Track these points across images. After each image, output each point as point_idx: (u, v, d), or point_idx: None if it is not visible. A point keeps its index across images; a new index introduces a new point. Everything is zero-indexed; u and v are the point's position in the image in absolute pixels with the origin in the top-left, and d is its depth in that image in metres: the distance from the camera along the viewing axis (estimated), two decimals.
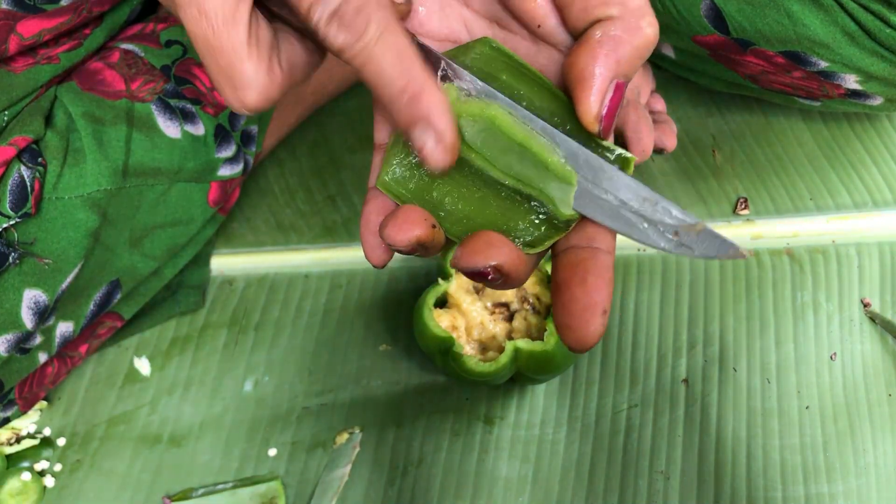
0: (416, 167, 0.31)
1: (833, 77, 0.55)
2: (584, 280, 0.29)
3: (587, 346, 0.29)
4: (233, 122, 0.60)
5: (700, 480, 0.57)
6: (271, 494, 0.59)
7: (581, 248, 0.30)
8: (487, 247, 0.29)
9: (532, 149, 0.30)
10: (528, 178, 0.30)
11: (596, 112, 0.28)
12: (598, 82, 0.28)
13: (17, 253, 0.48)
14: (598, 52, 0.28)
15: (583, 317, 0.29)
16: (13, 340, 0.50)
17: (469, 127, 0.30)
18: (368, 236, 0.31)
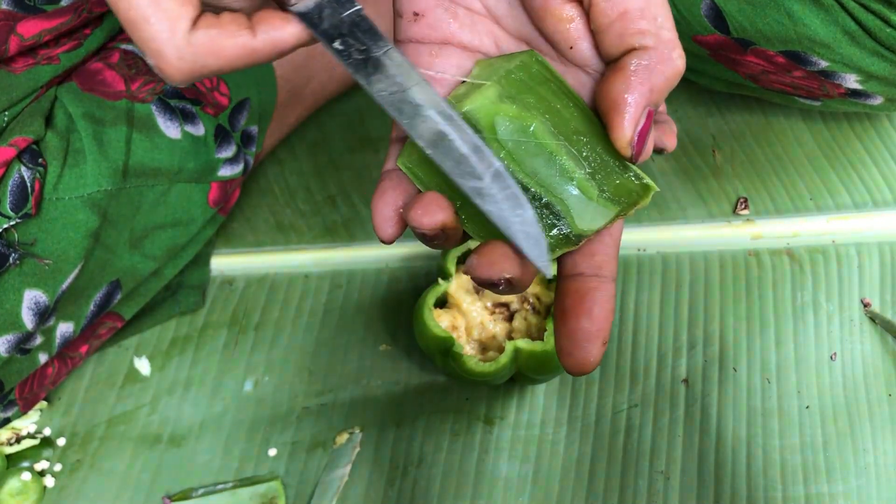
0: None
1: (833, 77, 0.55)
2: (590, 311, 0.31)
3: (586, 372, 0.31)
4: (233, 123, 0.60)
5: (700, 480, 0.57)
6: (271, 494, 0.59)
7: (589, 276, 0.32)
8: (503, 259, 0.30)
9: (561, 159, 0.30)
10: (552, 186, 0.31)
11: (630, 137, 0.29)
12: (633, 110, 0.29)
13: (17, 253, 0.48)
14: (632, 80, 0.29)
15: (585, 346, 0.31)
16: (13, 341, 0.50)
17: (503, 125, 0.31)
18: (382, 208, 0.31)
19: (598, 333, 0.31)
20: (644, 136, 0.29)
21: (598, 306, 0.31)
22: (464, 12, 0.33)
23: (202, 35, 0.28)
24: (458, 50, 0.33)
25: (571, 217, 0.31)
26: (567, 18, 0.31)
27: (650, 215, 0.67)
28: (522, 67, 0.31)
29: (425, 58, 0.33)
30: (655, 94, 0.29)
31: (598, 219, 0.31)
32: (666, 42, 0.29)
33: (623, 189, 0.31)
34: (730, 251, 0.66)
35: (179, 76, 0.29)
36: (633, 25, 0.29)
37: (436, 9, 0.33)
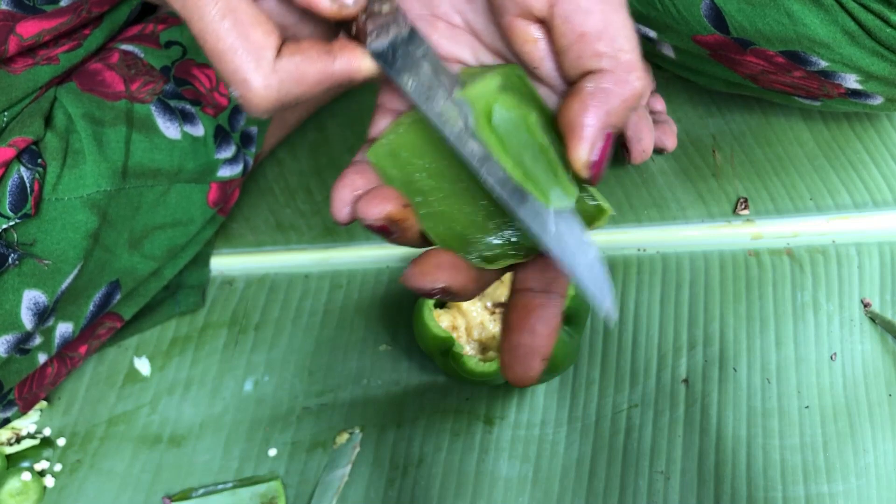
0: (412, 150, 0.32)
1: (833, 76, 0.55)
2: (532, 328, 0.32)
3: (525, 385, 0.32)
4: (232, 123, 0.60)
5: (700, 480, 0.57)
6: (271, 494, 0.59)
7: (537, 292, 0.33)
8: (436, 269, 0.31)
9: (548, 154, 0.31)
10: (535, 176, 0.31)
11: (586, 160, 0.29)
12: (589, 133, 0.29)
13: (16, 254, 0.48)
14: (588, 103, 0.29)
15: (525, 361, 0.32)
16: (13, 341, 0.50)
17: (499, 113, 0.31)
18: (341, 190, 0.32)
19: (539, 350, 0.32)
20: (602, 159, 0.30)
21: (542, 323, 0.32)
22: (444, 25, 0.33)
23: (286, 63, 0.29)
24: None
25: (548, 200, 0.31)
26: (531, 39, 0.31)
27: (650, 215, 0.67)
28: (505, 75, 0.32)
29: None
30: (613, 117, 0.29)
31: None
32: (623, 64, 0.29)
33: (580, 210, 0.32)
34: (730, 251, 0.66)
35: (265, 105, 0.29)
36: (590, 48, 0.29)
37: (418, 21, 0.33)
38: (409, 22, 0.31)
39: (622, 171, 0.69)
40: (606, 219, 0.32)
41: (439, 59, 0.31)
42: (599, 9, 0.29)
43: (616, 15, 0.29)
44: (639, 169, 0.69)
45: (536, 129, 0.31)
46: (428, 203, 0.32)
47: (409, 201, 0.32)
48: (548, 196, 0.31)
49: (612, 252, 0.66)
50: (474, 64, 0.34)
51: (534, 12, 0.30)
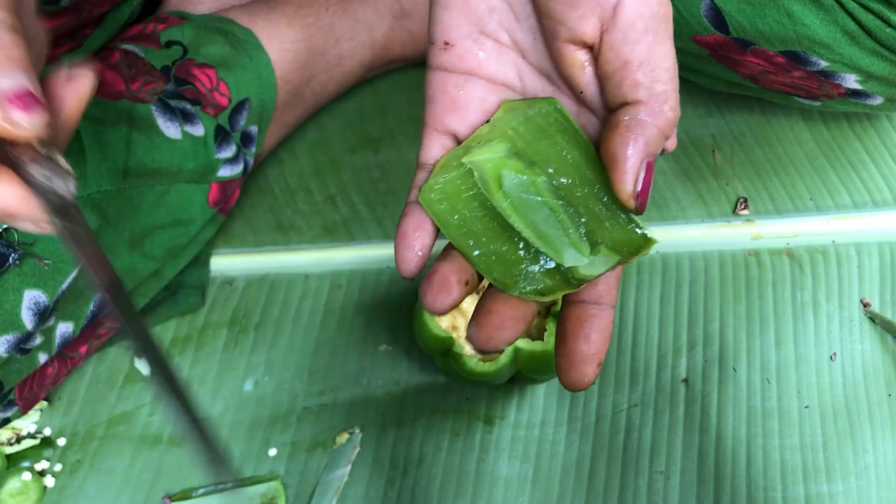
0: (462, 192, 0.33)
1: (833, 77, 0.55)
2: (588, 336, 0.33)
3: (581, 389, 0.34)
4: (233, 123, 0.60)
5: (700, 480, 0.57)
6: (271, 494, 0.59)
7: (589, 304, 0.34)
8: (499, 331, 0.33)
9: (560, 215, 0.32)
10: (547, 239, 0.32)
11: (631, 191, 0.31)
12: (631, 165, 0.30)
13: (17, 253, 0.48)
14: (627, 136, 0.30)
15: (581, 367, 0.33)
16: (13, 341, 0.50)
17: (510, 179, 0.32)
18: (403, 250, 0.34)
19: (595, 356, 0.33)
20: (646, 188, 0.31)
21: (596, 332, 0.34)
22: (491, 44, 0.34)
23: None
24: (482, 82, 0.34)
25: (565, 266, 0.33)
26: (578, 64, 0.32)
27: (650, 215, 0.67)
28: (542, 114, 0.33)
29: (451, 88, 0.35)
30: (651, 147, 0.30)
31: (599, 266, 0.33)
32: (658, 95, 0.30)
33: (626, 239, 0.33)
34: (730, 251, 0.66)
35: None
36: (630, 77, 0.30)
37: (465, 39, 0.34)
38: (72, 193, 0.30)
39: None
40: (651, 247, 0.33)
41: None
42: (646, 40, 0.30)
43: (660, 46, 0.30)
44: None
45: (545, 191, 0.32)
46: (481, 244, 0.33)
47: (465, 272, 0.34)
48: (562, 256, 0.32)
49: None
50: (518, 85, 0.35)
51: (585, 39, 0.31)
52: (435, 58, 0.35)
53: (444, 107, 0.35)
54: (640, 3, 0.30)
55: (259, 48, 0.61)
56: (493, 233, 0.33)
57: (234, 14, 0.63)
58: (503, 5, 0.34)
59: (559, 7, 0.31)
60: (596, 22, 0.30)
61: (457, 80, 0.34)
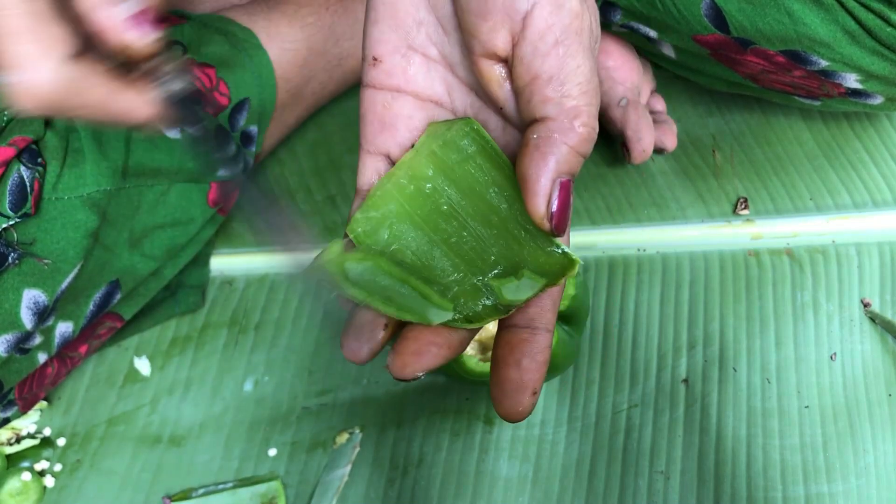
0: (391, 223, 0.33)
1: (833, 76, 0.55)
2: (518, 362, 0.31)
3: (516, 421, 0.32)
4: (232, 123, 0.60)
5: (700, 480, 0.57)
6: (271, 494, 0.59)
7: (520, 328, 0.32)
8: (416, 356, 0.31)
9: (412, 282, 0.32)
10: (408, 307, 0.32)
11: (543, 212, 0.29)
12: (542, 185, 0.29)
13: (16, 253, 0.48)
14: (536, 155, 0.29)
15: (514, 396, 0.31)
16: (12, 341, 0.50)
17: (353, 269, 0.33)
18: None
19: (528, 384, 0.31)
20: (561, 209, 0.29)
21: (528, 358, 0.32)
22: (420, 59, 0.33)
23: (78, 68, 0.29)
24: (410, 99, 0.34)
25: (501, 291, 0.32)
26: (496, 79, 0.31)
27: (650, 215, 0.67)
28: (460, 136, 0.33)
29: (379, 107, 0.34)
30: (563, 165, 0.29)
31: (525, 291, 0.32)
32: (568, 111, 0.29)
33: (549, 261, 0.32)
34: (730, 251, 0.66)
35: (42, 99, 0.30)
36: (540, 92, 0.29)
37: (394, 54, 0.33)
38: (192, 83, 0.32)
39: (622, 171, 0.69)
40: (576, 269, 0.32)
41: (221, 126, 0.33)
42: (556, 53, 0.29)
43: (572, 60, 0.29)
44: (639, 169, 0.69)
45: (392, 266, 0.32)
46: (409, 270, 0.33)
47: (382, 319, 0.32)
48: (427, 318, 0.32)
49: (612, 252, 0.66)
50: (447, 100, 0.34)
51: (497, 52, 0.30)
52: (366, 75, 0.34)
53: (373, 127, 0.34)
54: (551, 14, 0.29)
55: (259, 48, 0.61)
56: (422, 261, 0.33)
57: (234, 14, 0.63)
58: (431, 18, 0.33)
59: (472, 19, 0.30)
60: (507, 34, 0.29)
61: (384, 98, 0.33)
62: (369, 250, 0.33)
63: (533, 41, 0.29)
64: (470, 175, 0.33)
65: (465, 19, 0.30)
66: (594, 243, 0.67)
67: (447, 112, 0.34)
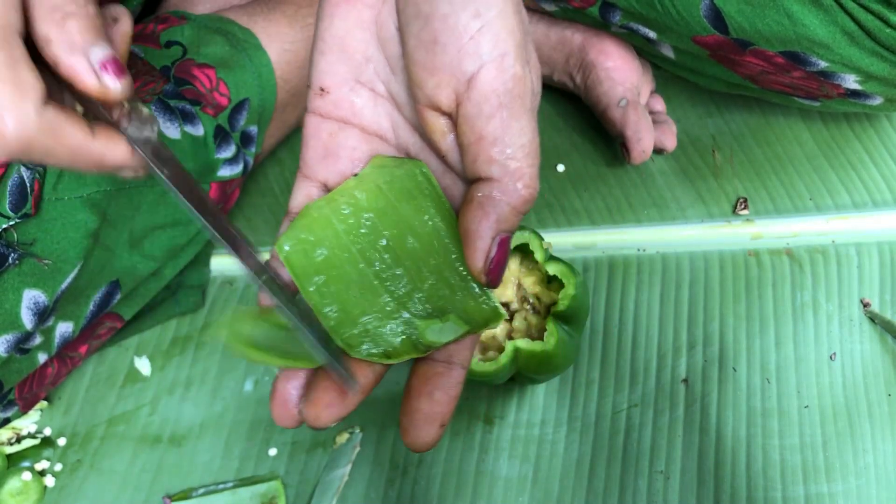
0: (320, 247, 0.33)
1: (833, 77, 0.55)
2: (430, 394, 0.32)
3: (421, 451, 0.32)
4: (232, 123, 0.60)
5: (700, 480, 0.57)
6: (271, 494, 0.59)
7: (437, 361, 0.33)
8: (329, 409, 0.32)
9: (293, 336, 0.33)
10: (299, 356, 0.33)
11: (481, 267, 0.31)
12: (482, 242, 0.30)
13: (16, 253, 0.48)
14: (478, 213, 0.30)
15: (422, 426, 0.32)
16: (13, 341, 0.50)
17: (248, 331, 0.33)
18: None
19: (437, 416, 0.32)
20: (498, 264, 0.31)
21: (441, 391, 0.32)
22: (367, 93, 0.34)
23: (51, 113, 0.30)
24: (356, 131, 0.34)
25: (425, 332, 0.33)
26: (439, 130, 0.32)
27: (650, 215, 0.67)
28: (408, 176, 0.33)
29: (324, 135, 0.34)
30: (504, 224, 0.30)
31: (448, 334, 0.33)
32: (511, 173, 0.30)
33: (476, 310, 0.33)
34: (729, 251, 0.66)
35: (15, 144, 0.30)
36: (484, 153, 0.30)
37: (342, 86, 0.34)
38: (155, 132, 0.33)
39: (622, 171, 0.69)
40: (501, 320, 0.33)
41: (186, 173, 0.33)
42: (500, 115, 0.30)
43: (516, 122, 0.30)
44: (638, 169, 0.69)
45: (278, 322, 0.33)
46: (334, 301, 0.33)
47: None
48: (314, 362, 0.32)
49: (612, 252, 0.66)
50: (391, 137, 0.35)
51: (441, 107, 0.31)
52: (311, 102, 0.34)
53: (315, 153, 0.34)
54: (495, 78, 0.29)
55: (259, 48, 0.61)
56: (348, 291, 0.33)
57: (234, 14, 0.63)
58: (380, 56, 0.33)
59: (419, 71, 0.31)
60: (451, 93, 0.30)
61: (330, 128, 0.34)
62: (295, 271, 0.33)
63: (478, 102, 0.30)
64: (412, 216, 0.33)
65: (412, 70, 0.31)
66: (594, 243, 0.67)
67: (391, 147, 0.35)
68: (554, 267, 0.55)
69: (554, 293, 0.56)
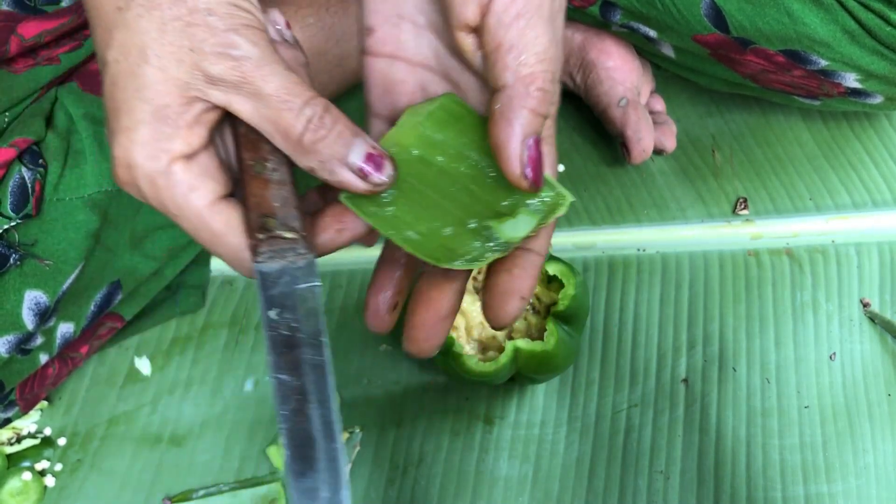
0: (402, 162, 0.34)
1: (833, 75, 0.55)
2: (510, 269, 0.34)
3: (502, 326, 0.35)
4: None
5: (700, 480, 0.57)
6: (272, 496, 0.59)
7: (519, 249, 0.35)
8: (427, 340, 0.36)
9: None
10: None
11: (518, 173, 0.32)
12: (512, 149, 0.32)
13: (18, 254, 0.48)
14: (500, 122, 0.32)
15: (503, 299, 0.34)
16: (14, 341, 0.50)
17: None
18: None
19: (517, 290, 0.34)
20: (535, 164, 0.32)
21: (520, 268, 0.35)
22: (410, 27, 0.36)
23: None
24: (403, 64, 0.36)
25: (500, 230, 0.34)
26: (470, 49, 0.33)
27: (650, 215, 0.68)
28: (442, 109, 0.35)
29: (378, 73, 0.37)
30: (528, 127, 0.31)
31: (522, 227, 0.34)
32: (523, 78, 0.31)
33: (542, 203, 0.35)
34: (729, 251, 0.66)
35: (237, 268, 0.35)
36: (501, 61, 0.32)
37: (385, 24, 0.35)
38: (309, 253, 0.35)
39: (622, 172, 0.69)
40: (567, 204, 0.34)
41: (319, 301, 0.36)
42: (517, 24, 0.31)
43: (531, 31, 0.31)
44: (638, 169, 0.69)
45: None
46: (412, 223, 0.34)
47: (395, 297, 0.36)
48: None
49: (612, 252, 0.66)
50: (435, 65, 0.36)
51: (469, 23, 0.32)
52: (363, 44, 0.36)
53: (376, 91, 0.37)
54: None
55: None
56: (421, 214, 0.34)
57: None
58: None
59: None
60: (476, 7, 0.32)
61: (382, 65, 0.36)
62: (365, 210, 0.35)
63: (497, 13, 0.31)
64: (455, 140, 0.35)
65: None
66: (594, 243, 0.67)
67: (436, 75, 0.36)
68: (554, 267, 0.55)
69: (554, 293, 0.56)
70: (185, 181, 0.32)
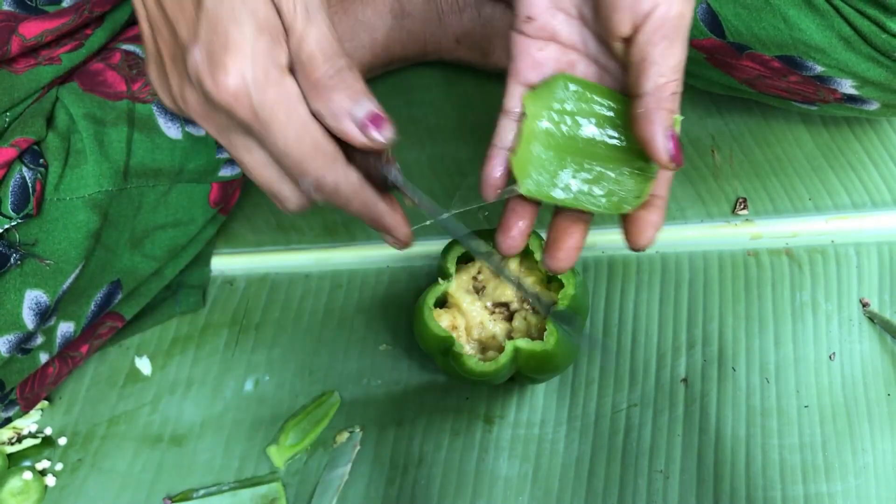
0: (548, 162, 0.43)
1: (829, 82, 0.55)
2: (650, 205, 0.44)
3: (642, 248, 0.44)
4: None
5: (699, 479, 0.58)
6: (272, 496, 0.59)
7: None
8: (566, 261, 0.45)
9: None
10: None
11: (666, 159, 0.39)
12: (659, 142, 0.39)
13: (18, 254, 0.49)
14: (644, 124, 0.39)
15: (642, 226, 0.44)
16: (14, 341, 0.50)
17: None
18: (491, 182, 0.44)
19: (655, 223, 0.44)
20: (677, 150, 0.39)
21: (655, 205, 0.44)
22: (563, 16, 0.43)
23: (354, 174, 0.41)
24: (557, 46, 0.43)
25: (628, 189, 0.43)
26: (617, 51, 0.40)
27: None
28: (560, 88, 0.43)
29: (533, 51, 0.43)
30: (666, 121, 0.38)
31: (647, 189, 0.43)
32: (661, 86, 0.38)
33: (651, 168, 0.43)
34: (729, 251, 0.66)
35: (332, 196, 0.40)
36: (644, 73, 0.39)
37: (544, 13, 0.43)
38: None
39: None
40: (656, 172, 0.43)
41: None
42: (662, 43, 0.38)
43: (671, 49, 0.38)
44: None
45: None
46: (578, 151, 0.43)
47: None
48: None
49: (612, 252, 0.67)
50: (583, 48, 0.43)
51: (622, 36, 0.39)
52: (519, 26, 0.43)
53: (525, 63, 0.43)
54: (664, 15, 0.38)
55: None
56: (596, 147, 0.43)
57: None
58: None
59: (605, 8, 0.40)
60: (629, 24, 0.39)
61: (538, 45, 0.43)
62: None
63: (648, 33, 0.38)
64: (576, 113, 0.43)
65: (601, 5, 0.40)
66: (594, 243, 0.67)
67: (582, 56, 0.44)
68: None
69: (554, 293, 0.56)
70: (295, 92, 0.37)
